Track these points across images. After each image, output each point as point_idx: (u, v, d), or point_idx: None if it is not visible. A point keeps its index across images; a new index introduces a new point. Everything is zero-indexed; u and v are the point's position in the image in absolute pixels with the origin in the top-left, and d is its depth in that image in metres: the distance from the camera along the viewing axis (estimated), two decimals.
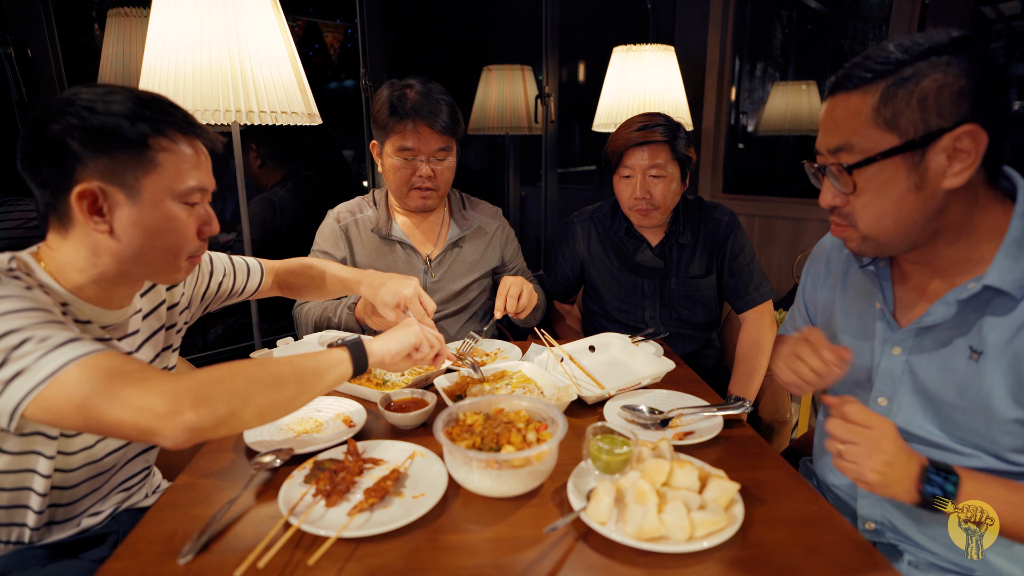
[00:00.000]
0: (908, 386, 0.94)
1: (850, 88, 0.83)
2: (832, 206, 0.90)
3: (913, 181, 0.81)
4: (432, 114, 1.53)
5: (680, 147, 1.58)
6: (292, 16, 2.28)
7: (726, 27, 3.22)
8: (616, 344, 1.47)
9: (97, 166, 0.84)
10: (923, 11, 2.54)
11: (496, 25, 3.38)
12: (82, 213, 0.85)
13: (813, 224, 3.01)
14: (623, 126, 1.63)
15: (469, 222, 1.74)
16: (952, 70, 0.76)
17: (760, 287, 1.66)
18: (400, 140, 1.55)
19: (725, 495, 0.83)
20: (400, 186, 1.61)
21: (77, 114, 0.83)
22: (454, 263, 1.71)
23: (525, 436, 0.91)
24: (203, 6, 1.43)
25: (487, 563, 0.77)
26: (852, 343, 1.02)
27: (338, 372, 0.94)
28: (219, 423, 0.76)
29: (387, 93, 1.56)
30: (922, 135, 0.78)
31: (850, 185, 0.85)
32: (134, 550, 0.79)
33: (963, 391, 0.87)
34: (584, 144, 3.64)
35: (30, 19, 1.63)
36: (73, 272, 0.90)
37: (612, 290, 1.75)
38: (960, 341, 0.88)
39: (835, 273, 1.10)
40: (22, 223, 1.78)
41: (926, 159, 0.79)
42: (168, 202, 0.90)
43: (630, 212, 1.64)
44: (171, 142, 0.89)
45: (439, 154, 1.58)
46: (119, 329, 1.00)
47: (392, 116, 1.54)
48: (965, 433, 0.89)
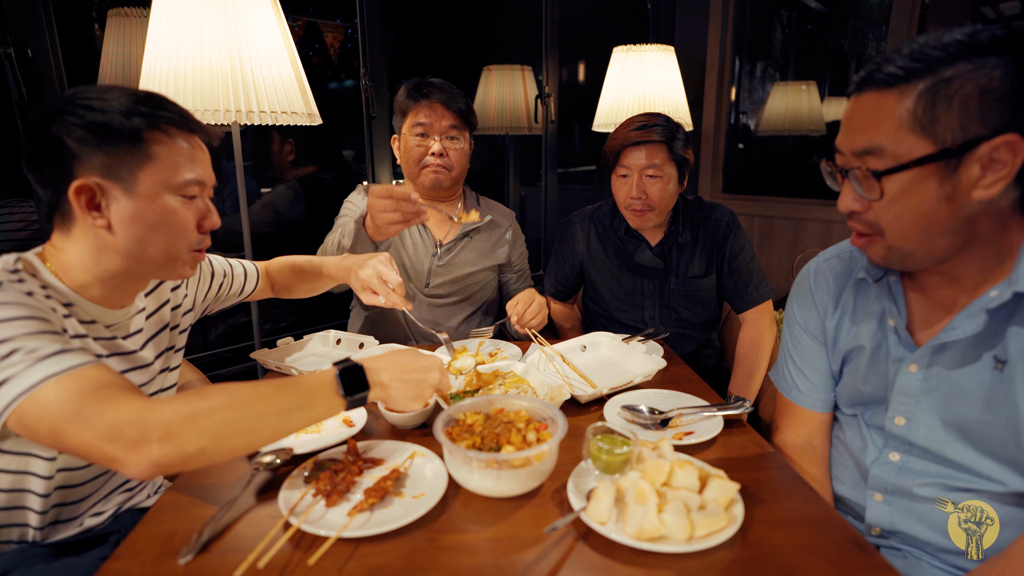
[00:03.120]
0: (927, 404, 0.90)
1: (882, 86, 0.76)
2: (852, 211, 0.84)
3: (945, 191, 0.75)
4: (447, 96, 1.64)
5: (678, 148, 1.58)
6: (292, 16, 2.28)
7: (726, 27, 3.22)
8: (607, 343, 1.47)
9: (93, 162, 0.85)
10: (923, 11, 2.54)
11: (496, 25, 3.37)
12: (80, 209, 0.86)
13: (813, 224, 3.01)
14: (622, 125, 1.63)
15: (483, 216, 1.77)
16: (996, 72, 0.71)
17: (760, 287, 1.66)
18: (415, 117, 1.65)
19: (725, 495, 0.82)
20: (413, 165, 1.68)
21: (74, 112, 0.85)
22: (463, 251, 1.76)
23: (525, 436, 0.91)
24: (203, 6, 1.43)
25: (487, 563, 0.76)
26: (864, 362, 0.99)
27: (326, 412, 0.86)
28: (185, 460, 0.73)
29: (406, 84, 1.68)
30: (960, 143, 0.72)
31: (877, 192, 0.79)
32: (134, 550, 0.79)
33: (989, 404, 0.84)
34: (584, 144, 3.64)
35: (30, 19, 1.63)
36: (78, 271, 0.91)
37: (612, 290, 1.76)
38: (984, 353, 0.84)
39: (832, 294, 1.05)
40: (25, 224, 1.78)
41: (960, 168, 0.74)
42: (165, 195, 0.90)
43: (625, 212, 1.64)
44: (166, 136, 0.89)
45: (451, 131, 1.66)
46: (122, 328, 1.00)
47: (409, 98, 1.66)
48: (993, 447, 0.85)
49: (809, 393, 1.10)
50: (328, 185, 2.64)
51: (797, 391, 1.11)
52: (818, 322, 1.07)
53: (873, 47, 3.21)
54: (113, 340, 0.98)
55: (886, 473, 0.97)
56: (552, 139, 3.17)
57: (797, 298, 1.11)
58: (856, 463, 1.03)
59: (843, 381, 1.06)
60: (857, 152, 0.80)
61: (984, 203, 0.76)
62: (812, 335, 1.09)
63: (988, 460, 0.86)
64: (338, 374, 0.85)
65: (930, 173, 0.75)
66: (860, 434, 1.02)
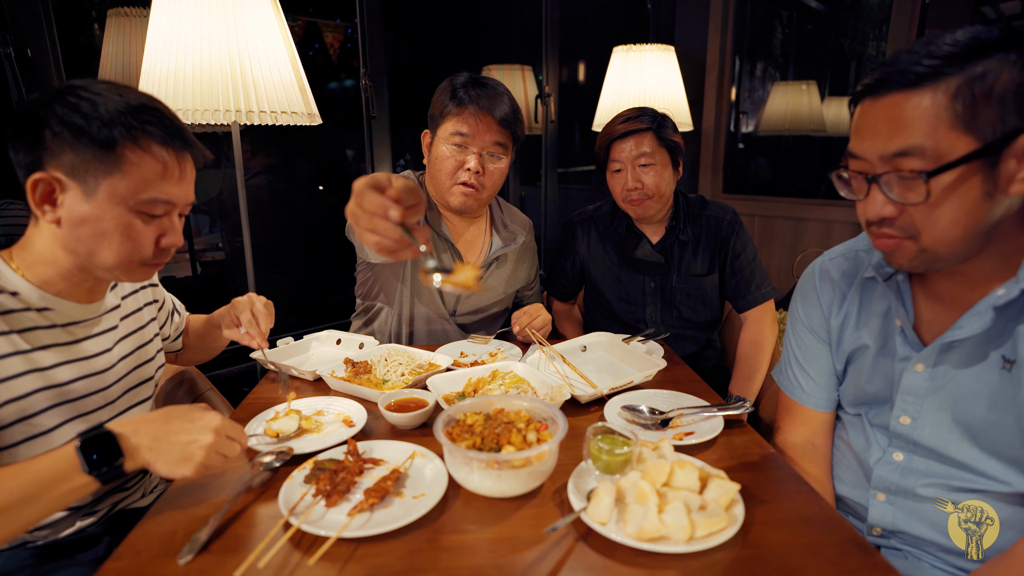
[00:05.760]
0: (933, 403, 0.90)
1: (907, 86, 0.74)
2: (882, 218, 0.81)
3: (987, 188, 0.74)
4: (495, 102, 1.46)
5: (666, 134, 1.58)
6: (292, 16, 2.28)
7: (726, 27, 3.22)
8: (608, 344, 1.47)
9: (62, 159, 0.85)
10: (923, 11, 2.54)
11: (496, 25, 3.37)
12: (32, 199, 0.86)
13: (813, 224, 3.01)
14: (607, 123, 1.64)
15: (513, 235, 1.69)
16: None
17: (762, 286, 1.66)
18: (456, 124, 1.47)
19: (725, 495, 0.82)
20: (444, 178, 1.50)
21: (63, 105, 0.85)
22: (491, 277, 1.68)
23: (525, 436, 0.91)
24: (203, 6, 1.43)
25: (487, 563, 0.76)
26: (868, 362, 0.99)
27: (66, 497, 0.77)
28: None
29: (452, 79, 1.50)
30: (1000, 137, 0.72)
31: (923, 193, 0.75)
32: (134, 550, 0.79)
33: (996, 404, 0.83)
34: (584, 144, 3.64)
35: (30, 19, 1.63)
36: (41, 265, 0.92)
37: (613, 288, 1.75)
38: (991, 352, 0.83)
39: (837, 293, 1.05)
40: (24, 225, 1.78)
41: (1000, 163, 0.73)
42: (122, 208, 0.88)
43: (624, 205, 1.64)
44: (142, 151, 0.88)
45: (493, 148, 1.49)
46: (88, 326, 1.00)
47: (452, 100, 1.46)
48: (999, 448, 0.85)
49: (812, 392, 1.09)
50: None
51: (800, 390, 1.11)
52: (822, 321, 1.07)
53: (873, 47, 3.21)
54: (73, 344, 0.96)
55: (890, 473, 0.97)
56: (552, 139, 3.17)
57: (801, 297, 1.11)
58: (859, 463, 1.03)
59: (847, 380, 1.05)
60: (889, 155, 0.77)
61: (1019, 198, 0.75)
62: (816, 334, 1.08)
63: (994, 460, 0.86)
64: (79, 447, 0.77)
65: (975, 170, 0.73)
66: (864, 434, 1.02)
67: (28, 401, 0.89)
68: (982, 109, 0.71)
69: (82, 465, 0.76)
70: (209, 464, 0.82)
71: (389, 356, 1.38)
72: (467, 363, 1.44)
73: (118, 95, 0.88)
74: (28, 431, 0.90)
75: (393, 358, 1.37)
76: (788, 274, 3.06)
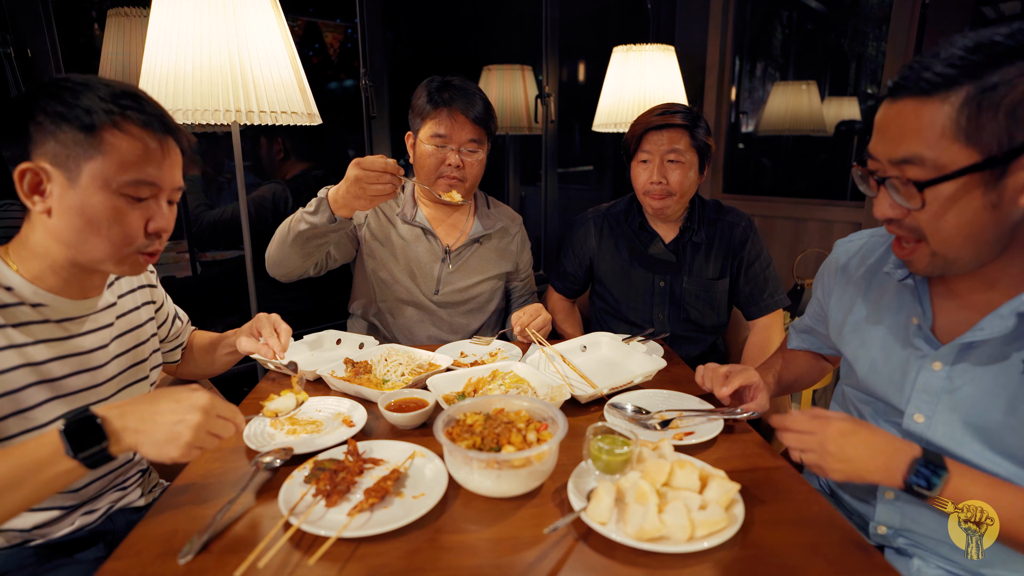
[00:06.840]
0: (948, 403, 0.89)
1: (920, 93, 0.74)
2: (889, 218, 0.82)
3: (990, 199, 0.73)
4: (467, 103, 1.60)
5: (700, 135, 1.58)
6: (292, 16, 2.27)
7: (726, 27, 3.22)
8: (608, 343, 1.47)
9: (46, 147, 0.85)
10: (923, 11, 2.54)
11: (496, 25, 3.37)
12: (21, 191, 0.87)
13: (813, 224, 3.01)
14: (643, 114, 1.64)
15: (493, 222, 1.77)
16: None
17: (775, 294, 1.66)
18: (434, 127, 1.60)
19: (726, 495, 0.82)
20: (429, 173, 1.64)
21: (48, 95, 0.86)
22: (472, 258, 1.75)
23: (525, 436, 0.91)
24: (203, 6, 1.43)
25: (487, 563, 0.76)
26: (882, 358, 0.98)
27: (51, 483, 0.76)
28: None
29: (427, 84, 1.64)
30: (1006, 151, 0.70)
31: (918, 201, 0.77)
32: (134, 550, 0.79)
33: (1015, 408, 0.82)
34: (584, 144, 3.64)
35: (30, 19, 1.63)
36: (35, 260, 0.92)
37: (621, 286, 1.75)
38: (1012, 355, 0.83)
39: (855, 284, 1.06)
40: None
41: (1006, 175, 0.72)
42: (106, 192, 0.88)
43: (644, 198, 1.63)
44: (122, 133, 0.88)
45: (470, 144, 1.63)
46: (82, 323, 0.99)
47: (429, 103, 1.61)
48: (1013, 451, 0.84)
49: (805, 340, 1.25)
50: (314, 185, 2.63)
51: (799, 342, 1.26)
52: (820, 308, 1.16)
53: (873, 47, 3.21)
54: (67, 340, 0.96)
55: None
56: (552, 139, 3.17)
57: (819, 280, 1.18)
58: None
59: (853, 354, 1.04)
60: (895, 161, 0.77)
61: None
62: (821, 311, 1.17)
63: (1006, 463, 0.85)
64: (63, 431, 0.75)
65: (975, 183, 0.73)
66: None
67: (22, 395, 0.89)
68: (987, 123, 0.71)
69: (66, 449, 0.74)
70: (199, 444, 0.79)
71: (389, 356, 1.38)
72: (467, 363, 1.44)
73: (102, 84, 0.89)
74: (23, 424, 0.90)
75: (393, 358, 1.37)
76: (788, 274, 3.06)
